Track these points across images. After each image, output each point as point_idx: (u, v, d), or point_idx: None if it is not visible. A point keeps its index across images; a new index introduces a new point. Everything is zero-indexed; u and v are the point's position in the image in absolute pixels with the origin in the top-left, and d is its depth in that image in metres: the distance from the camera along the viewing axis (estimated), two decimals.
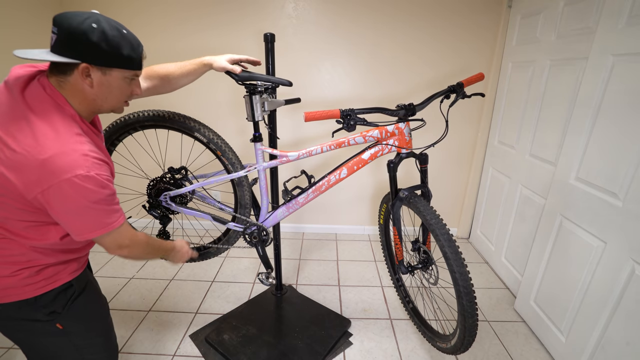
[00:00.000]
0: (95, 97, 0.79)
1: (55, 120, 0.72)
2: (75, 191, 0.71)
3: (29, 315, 0.84)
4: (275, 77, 1.23)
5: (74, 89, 0.76)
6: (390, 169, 1.34)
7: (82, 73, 0.73)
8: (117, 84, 0.80)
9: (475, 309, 1.16)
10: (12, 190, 0.71)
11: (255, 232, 1.45)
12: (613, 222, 1.28)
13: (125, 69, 0.79)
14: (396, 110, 1.25)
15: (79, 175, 0.70)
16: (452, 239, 1.17)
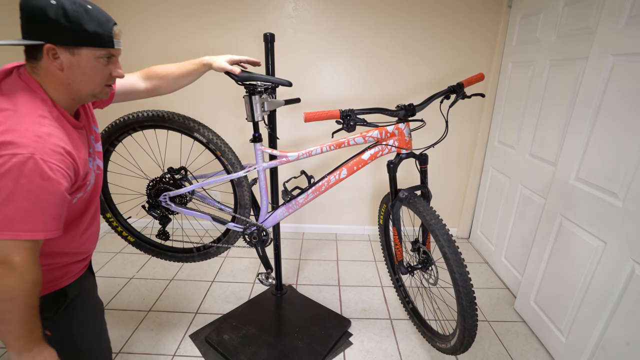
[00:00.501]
0: (69, 80, 0.73)
1: (20, 100, 0.68)
2: (6, 171, 0.62)
3: None
4: (275, 78, 1.23)
5: (47, 74, 0.72)
6: (390, 170, 1.34)
7: (49, 55, 0.69)
8: (90, 64, 0.74)
9: (475, 310, 1.16)
10: None
11: (254, 233, 1.45)
12: (613, 222, 1.28)
13: (93, 47, 0.72)
14: (396, 110, 1.25)
15: (19, 155, 0.62)
16: (452, 239, 1.17)
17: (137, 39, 2.26)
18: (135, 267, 2.25)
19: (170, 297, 1.98)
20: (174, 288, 2.06)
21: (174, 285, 2.09)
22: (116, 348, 1.60)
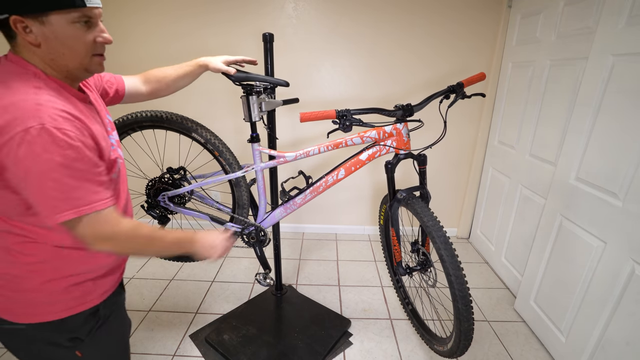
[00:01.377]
0: (51, 56, 0.65)
1: (11, 78, 0.62)
2: (27, 151, 0.57)
3: (52, 339, 0.75)
4: (272, 78, 1.23)
5: (28, 52, 0.65)
6: (387, 170, 1.34)
7: (20, 29, 0.61)
8: (66, 32, 0.64)
9: (471, 313, 1.15)
10: None
11: (253, 233, 1.45)
12: (613, 222, 1.28)
13: (62, 9, 0.62)
14: (393, 110, 1.24)
15: (29, 129, 0.57)
16: (449, 241, 1.17)
17: (135, 39, 2.26)
18: (135, 267, 2.26)
19: (170, 297, 1.98)
20: (174, 288, 2.07)
21: (174, 285, 2.09)
22: None
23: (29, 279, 0.71)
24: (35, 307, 0.72)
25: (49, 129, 0.58)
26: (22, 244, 0.69)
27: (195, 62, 1.11)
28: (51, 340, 0.75)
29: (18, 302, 0.72)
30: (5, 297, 0.72)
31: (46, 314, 0.73)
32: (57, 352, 0.77)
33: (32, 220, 0.68)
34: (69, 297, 0.75)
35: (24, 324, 0.72)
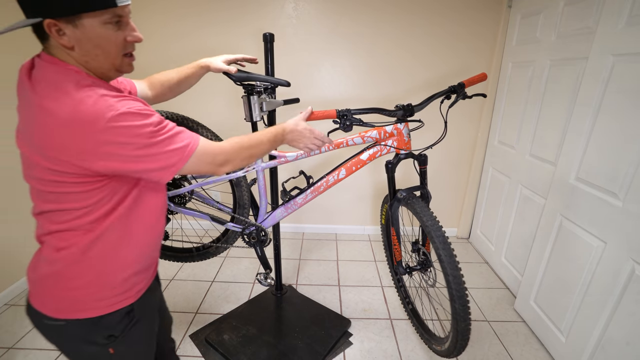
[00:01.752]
0: (86, 58, 0.67)
1: (60, 79, 0.64)
2: (122, 136, 0.63)
3: (89, 336, 0.77)
4: (273, 78, 1.23)
5: (62, 54, 0.66)
6: (388, 170, 1.34)
7: (53, 32, 0.62)
8: (98, 33, 0.65)
9: (468, 313, 1.15)
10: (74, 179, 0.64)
11: (253, 233, 1.45)
12: (613, 222, 1.28)
13: (94, 10, 0.62)
14: (393, 110, 1.24)
15: (114, 118, 0.61)
16: (448, 241, 1.17)
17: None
18: None
19: (170, 297, 1.98)
20: (174, 288, 2.06)
21: (174, 285, 2.09)
22: None
23: (76, 278, 0.74)
24: (78, 304, 0.75)
25: (126, 111, 0.63)
26: (68, 245, 0.72)
27: (196, 64, 1.11)
28: (88, 338, 0.77)
29: (64, 299, 0.75)
30: (52, 295, 0.75)
31: (88, 310, 0.76)
32: (91, 348, 0.79)
33: (80, 222, 0.71)
34: (109, 294, 0.77)
35: (64, 319, 0.75)
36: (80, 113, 0.60)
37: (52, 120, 0.61)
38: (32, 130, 0.64)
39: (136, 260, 0.81)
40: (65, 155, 0.62)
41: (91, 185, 0.67)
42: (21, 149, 0.68)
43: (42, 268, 0.74)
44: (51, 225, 0.71)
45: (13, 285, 1.94)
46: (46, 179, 0.66)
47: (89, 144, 0.62)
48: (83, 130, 0.61)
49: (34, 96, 0.63)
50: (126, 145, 0.64)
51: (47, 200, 0.69)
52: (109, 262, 0.76)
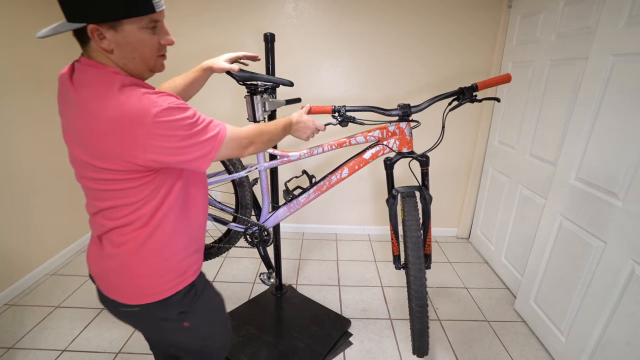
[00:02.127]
0: (124, 60, 0.71)
1: (100, 81, 0.67)
2: (167, 129, 0.67)
3: (162, 315, 0.84)
4: (277, 77, 1.23)
5: (102, 57, 0.70)
6: (387, 166, 1.33)
7: (95, 37, 0.66)
8: (137, 37, 0.69)
9: (425, 316, 1.15)
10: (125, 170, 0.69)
11: (256, 233, 1.45)
12: (613, 222, 1.28)
13: (135, 16, 0.66)
14: (389, 110, 1.24)
15: (159, 113, 0.65)
16: (419, 244, 1.18)
17: None
18: None
19: None
20: None
21: None
22: (116, 348, 1.60)
23: (139, 268, 0.79)
24: (145, 290, 0.81)
25: (168, 106, 0.67)
26: (127, 240, 0.77)
27: (200, 67, 1.12)
28: (162, 316, 0.84)
29: (131, 287, 0.81)
30: (120, 285, 0.81)
31: (154, 294, 0.81)
32: (169, 325, 0.86)
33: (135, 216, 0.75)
34: (170, 277, 0.83)
35: (137, 305, 0.81)
36: (128, 111, 0.64)
37: (100, 120, 0.65)
38: (81, 132, 0.68)
39: (189, 243, 0.87)
40: (116, 153, 0.66)
41: (141, 180, 0.72)
42: (72, 152, 0.72)
43: (107, 263, 0.80)
44: (109, 222, 0.76)
45: (13, 285, 1.93)
46: (100, 178, 0.70)
47: (138, 140, 0.65)
48: (132, 127, 0.64)
49: (79, 99, 0.67)
50: (171, 137, 0.67)
51: (103, 199, 0.74)
52: (167, 249, 0.81)
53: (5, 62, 1.86)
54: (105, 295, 0.83)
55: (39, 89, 2.08)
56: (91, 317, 1.79)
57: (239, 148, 0.83)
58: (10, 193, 1.90)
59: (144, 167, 0.70)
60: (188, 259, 0.88)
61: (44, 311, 1.83)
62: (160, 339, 0.97)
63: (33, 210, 2.06)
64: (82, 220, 2.48)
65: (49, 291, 1.99)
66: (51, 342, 1.63)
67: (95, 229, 0.81)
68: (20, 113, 1.95)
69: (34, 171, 2.05)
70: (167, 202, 0.78)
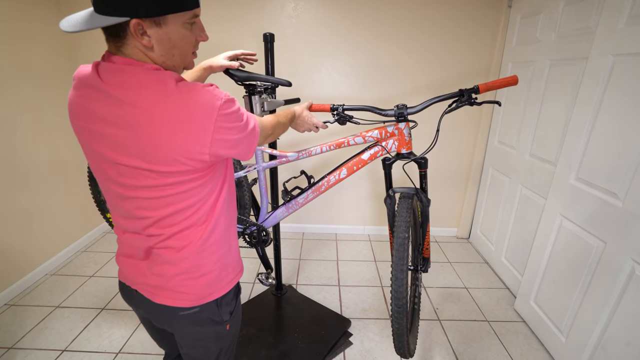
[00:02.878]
0: (163, 58, 0.66)
1: (154, 80, 0.63)
2: (230, 122, 0.66)
3: (217, 316, 0.83)
4: (275, 77, 1.23)
5: (138, 53, 0.64)
6: (385, 166, 1.33)
7: (136, 32, 0.61)
8: (179, 34, 0.65)
9: (402, 316, 1.13)
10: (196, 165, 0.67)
11: (254, 233, 1.45)
12: (613, 222, 1.28)
13: (180, 11, 0.62)
14: (386, 110, 1.23)
15: (222, 106, 0.64)
16: (405, 245, 1.15)
17: None
18: None
19: None
20: None
21: None
22: (116, 348, 1.60)
23: (201, 267, 0.78)
24: (207, 289, 0.80)
25: (227, 97, 0.66)
26: (188, 243, 0.75)
27: (199, 67, 1.11)
28: (217, 318, 0.83)
29: (195, 288, 0.79)
30: (184, 289, 0.78)
31: (214, 292, 0.81)
32: (217, 329, 0.84)
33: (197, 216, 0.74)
34: (227, 272, 0.83)
35: (198, 306, 0.79)
36: (194, 107, 0.62)
37: (166, 122, 0.61)
38: (137, 139, 0.62)
39: (235, 237, 0.88)
40: (185, 153, 0.63)
41: (202, 178, 0.71)
42: (124, 163, 0.65)
43: (168, 271, 0.77)
44: (167, 230, 0.73)
45: (13, 285, 1.94)
46: (161, 185, 0.67)
47: (207, 135, 0.64)
48: (201, 122, 0.63)
49: (129, 102, 0.61)
50: (232, 130, 0.67)
51: (160, 207, 0.70)
52: (225, 243, 0.82)
53: (6, 60, 1.86)
54: (161, 305, 0.79)
55: (39, 88, 2.08)
56: (91, 317, 1.79)
57: (263, 137, 0.84)
58: (10, 193, 1.91)
59: (207, 164, 0.68)
60: (237, 252, 0.90)
61: (44, 311, 1.83)
62: (195, 346, 0.87)
63: (33, 210, 2.06)
64: (82, 220, 2.49)
65: (49, 291, 1.99)
66: (51, 342, 1.63)
67: (138, 243, 0.76)
68: (21, 113, 1.96)
69: (34, 171, 2.06)
70: (221, 198, 0.78)
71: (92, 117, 0.65)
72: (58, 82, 2.23)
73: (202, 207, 0.74)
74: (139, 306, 0.85)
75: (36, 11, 2.05)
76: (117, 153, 0.65)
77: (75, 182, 2.38)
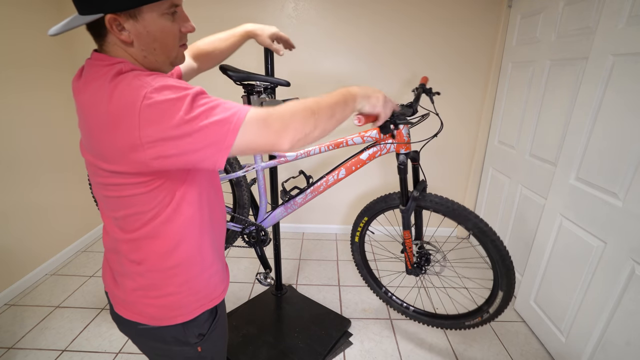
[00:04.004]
0: (144, 53, 0.64)
1: (99, 72, 0.61)
2: (162, 112, 0.55)
3: (182, 338, 0.78)
4: (273, 78, 1.23)
5: (119, 50, 0.64)
6: (400, 171, 1.30)
7: (113, 28, 0.60)
8: (157, 26, 0.62)
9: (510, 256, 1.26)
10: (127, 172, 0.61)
11: (253, 232, 1.45)
12: (613, 222, 1.28)
13: (153, 1, 0.59)
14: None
15: (146, 96, 0.55)
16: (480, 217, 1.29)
17: None
18: None
19: None
20: None
21: None
22: (116, 348, 1.61)
23: (164, 287, 0.73)
24: (170, 312, 0.75)
25: (162, 86, 0.58)
26: (146, 256, 0.71)
27: (243, 31, 1.06)
28: (181, 339, 0.78)
29: (155, 308, 0.74)
30: (142, 306, 0.74)
31: (179, 316, 0.76)
32: (183, 349, 0.79)
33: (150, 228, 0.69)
34: (196, 298, 0.77)
35: (159, 326, 0.76)
36: (118, 99, 0.56)
37: (98, 115, 0.58)
38: (87, 132, 0.62)
39: (213, 259, 0.81)
40: (119, 151, 0.58)
41: (151, 185, 0.64)
42: (85, 157, 0.66)
43: (127, 283, 0.74)
44: (125, 234, 0.70)
45: (13, 285, 1.94)
46: (109, 183, 0.64)
47: (134, 131, 0.56)
48: (125, 116, 0.56)
49: (82, 98, 0.61)
50: (164, 120, 0.56)
51: (115, 208, 0.68)
52: (195, 266, 0.75)
53: (7, 57, 1.87)
54: (122, 317, 0.76)
55: (40, 88, 2.08)
56: (91, 317, 1.79)
57: (267, 132, 0.62)
58: (10, 193, 1.91)
59: (151, 170, 0.61)
60: (216, 275, 0.82)
61: (44, 311, 1.83)
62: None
63: (33, 210, 2.06)
64: (82, 220, 2.49)
65: (49, 291, 2.00)
66: (51, 342, 1.63)
67: (109, 243, 0.75)
68: (21, 112, 1.96)
69: (34, 171, 2.06)
70: (186, 211, 0.70)
71: (77, 110, 0.66)
72: (58, 81, 2.23)
73: (156, 218, 0.68)
74: (109, 310, 0.83)
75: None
76: (83, 148, 0.66)
77: (75, 182, 2.38)
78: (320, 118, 0.67)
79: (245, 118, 0.60)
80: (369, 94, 0.79)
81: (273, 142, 0.63)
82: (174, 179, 0.67)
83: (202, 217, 0.74)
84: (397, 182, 2.62)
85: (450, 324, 1.57)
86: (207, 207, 0.76)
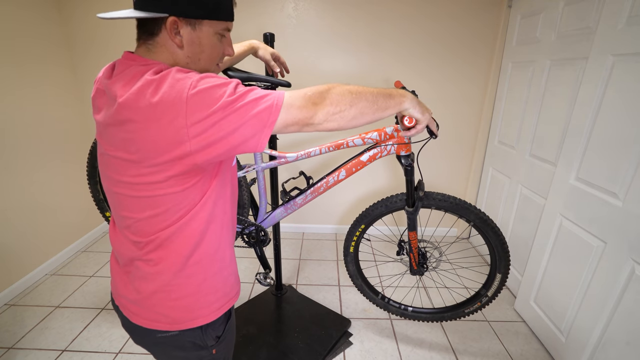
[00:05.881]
0: (188, 60, 0.68)
1: (137, 72, 0.61)
2: (208, 96, 0.57)
3: (200, 341, 0.77)
4: (274, 78, 1.23)
5: (164, 53, 0.66)
6: (407, 173, 1.30)
7: (171, 30, 0.63)
8: (209, 41, 0.68)
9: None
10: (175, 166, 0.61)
11: (253, 233, 1.45)
12: (613, 222, 1.28)
13: (215, 19, 0.66)
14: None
15: (192, 84, 0.57)
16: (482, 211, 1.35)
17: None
18: None
19: None
20: None
21: None
22: (116, 348, 1.61)
23: (183, 287, 0.72)
24: (189, 314, 0.74)
25: (204, 75, 0.61)
26: (166, 255, 0.70)
27: (248, 44, 1.16)
28: (199, 342, 0.77)
29: (175, 310, 0.73)
30: (162, 310, 0.73)
31: (198, 318, 0.75)
32: (200, 353, 0.79)
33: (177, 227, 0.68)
34: (214, 298, 0.77)
35: (177, 330, 0.74)
36: (165, 92, 0.57)
37: (138, 109, 0.58)
38: (126, 130, 0.60)
39: (231, 257, 0.81)
40: (162, 146, 0.59)
41: (186, 184, 0.65)
42: (110, 156, 0.64)
43: (145, 286, 0.72)
44: (145, 237, 0.69)
45: (13, 285, 1.94)
46: (138, 182, 0.63)
47: (179, 120, 0.57)
48: (173, 108, 0.57)
49: (116, 94, 0.60)
50: (211, 104, 0.57)
51: (140, 208, 0.66)
52: (214, 264, 0.75)
53: (8, 56, 1.87)
54: (139, 326, 0.74)
55: (39, 88, 2.08)
56: (91, 317, 1.79)
57: (305, 106, 0.63)
58: (10, 192, 1.91)
59: (192, 164, 0.61)
60: (233, 275, 0.81)
61: (44, 311, 1.83)
62: None
63: (33, 210, 2.06)
64: (82, 220, 2.49)
65: (49, 291, 2.00)
66: (51, 342, 1.63)
67: (122, 247, 0.73)
68: (21, 111, 1.96)
69: (34, 171, 2.06)
70: (212, 208, 0.71)
71: (96, 109, 0.67)
72: (58, 81, 2.23)
73: (181, 218, 0.68)
74: (122, 322, 0.80)
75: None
76: (108, 145, 0.64)
77: (75, 182, 2.38)
78: (358, 98, 0.68)
79: (285, 96, 0.63)
80: (418, 101, 0.82)
81: (311, 115, 0.64)
82: (207, 177, 0.68)
83: (225, 214, 0.75)
84: (394, 183, 2.62)
85: (451, 315, 1.59)
86: (230, 205, 0.77)
